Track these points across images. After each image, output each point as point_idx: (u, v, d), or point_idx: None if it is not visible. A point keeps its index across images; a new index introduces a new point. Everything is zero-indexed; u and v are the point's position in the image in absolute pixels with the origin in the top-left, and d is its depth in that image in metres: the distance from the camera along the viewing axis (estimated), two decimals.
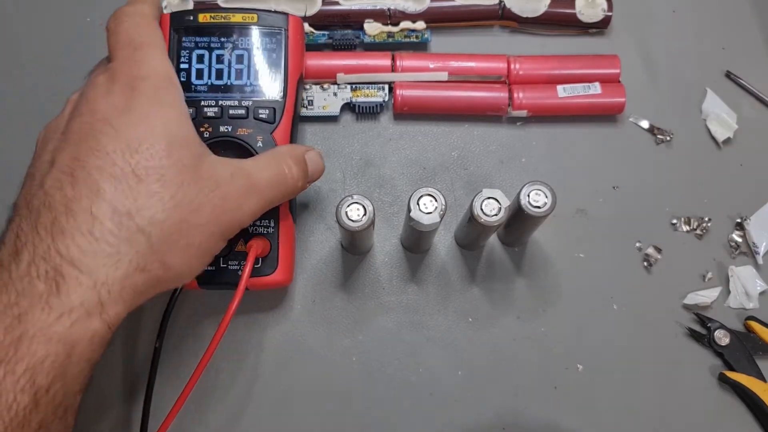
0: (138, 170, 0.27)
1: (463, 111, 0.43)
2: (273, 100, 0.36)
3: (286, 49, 0.37)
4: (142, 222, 0.26)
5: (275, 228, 0.36)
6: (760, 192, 0.43)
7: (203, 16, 0.36)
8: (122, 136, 0.27)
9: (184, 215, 0.27)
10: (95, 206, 0.26)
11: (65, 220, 0.25)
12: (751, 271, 0.41)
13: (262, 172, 0.31)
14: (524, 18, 0.45)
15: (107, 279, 0.25)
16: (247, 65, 0.36)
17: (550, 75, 0.43)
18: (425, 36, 0.44)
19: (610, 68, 0.43)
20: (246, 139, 0.35)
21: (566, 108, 0.43)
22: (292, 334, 0.39)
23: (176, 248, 0.27)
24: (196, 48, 0.36)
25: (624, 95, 0.43)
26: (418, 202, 0.33)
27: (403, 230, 0.40)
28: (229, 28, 0.36)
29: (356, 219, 0.34)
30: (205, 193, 0.28)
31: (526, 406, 0.38)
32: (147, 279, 0.27)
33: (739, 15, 0.47)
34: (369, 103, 0.43)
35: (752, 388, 0.38)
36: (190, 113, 0.33)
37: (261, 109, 0.36)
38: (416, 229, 0.34)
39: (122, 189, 0.26)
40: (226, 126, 0.35)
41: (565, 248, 0.41)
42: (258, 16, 0.36)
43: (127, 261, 0.26)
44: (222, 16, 0.36)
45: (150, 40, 0.31)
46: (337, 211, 0.33)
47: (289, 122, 0.36)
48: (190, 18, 0.36)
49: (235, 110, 0.35)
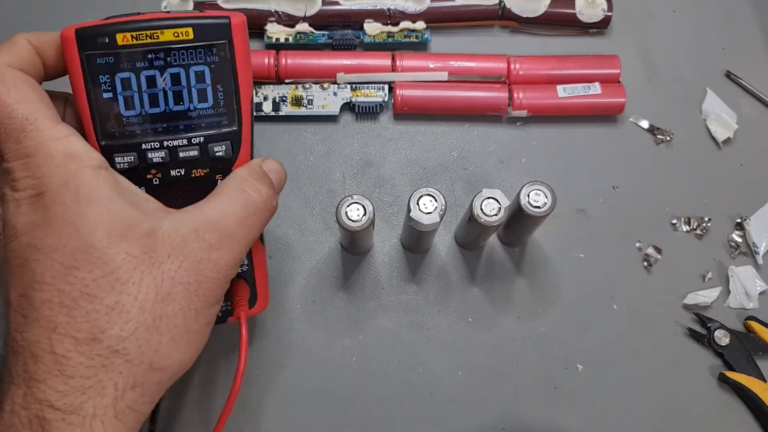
0: (86, 288, 0.24)
1: (463, 111, 0.43)
2: (227, 131, 0.30)
3: (234, 67, 0.29)
4: (111, 342, 0.24)
5: (249, 264, 0.33)
6: (760, 192, 0.43)
7: (123, 36, 0.27)
8: (53, 258, 0.24)
9: (156, 312, 0.25)
10: (56, 345, 0.23)
11: (33, 364, 0.23)
12: (751, 271, 0.41)
13: (228, 211, 0.27)
14: (524, 18, 0.45)
15: (96, 411, 0.23)
16: (189, 92, 0.29)
17: (550, 75, 0.43)
18: (425, 36, 0.44)
19: (610, 68, 0.43)
20: (203, 182, 0.30)
21: (566, 108, 0.43)
22: (292, 334, 0.39)
23: (162, 347, 0.25)
24: (118, 72, 0.28)
25: (624, 95, 0.43)
26: (418, 202, 0.33)
27: (403, 230, 0.40)
28: (158, 51, 0.28)
29: (356, 219, 0.34)
30: (170, 275, 0.25)
31: (526, 406, 0.38)
32: (144, 389, 0.25)
33: (739, 15, 0.47)
34: (369, 103, 0.43)
35: (752, 388, 0.38)
36: (131, 160, 0.29)
37: (216, 145, 0.30)
38: (416, 229, 0.34)
39: (77, 315, 0.24)
40: (177, 170, 0.30)
41: (565, 248, 0.41)
42: (193, 30, 0.28)
43: (111, 386, 0.24)
44: (147, 35, 0.27)
45: (30, 112, 0.25)
46: (337, 211, 0.33)
47: (249, 148, 0.31)
48: (105, 40, 0.27)
49: (186, 151, 0.29)
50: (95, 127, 0.29)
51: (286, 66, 0.42)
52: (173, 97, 0.29)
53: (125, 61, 0.28)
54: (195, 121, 0.30)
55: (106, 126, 0.29)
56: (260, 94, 0.43)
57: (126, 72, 0.28)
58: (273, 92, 0.43)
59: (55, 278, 0.24)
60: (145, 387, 0.25)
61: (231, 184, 0.29)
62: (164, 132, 0.29)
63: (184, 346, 0.26)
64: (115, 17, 0.28)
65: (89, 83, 0.28)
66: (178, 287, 0.25)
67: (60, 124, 0.26)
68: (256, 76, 0.42)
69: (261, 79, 0.43)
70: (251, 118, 0.31)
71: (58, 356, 0.23)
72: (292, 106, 0.43)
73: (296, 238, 0.41)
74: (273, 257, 0.40)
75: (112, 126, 0.29)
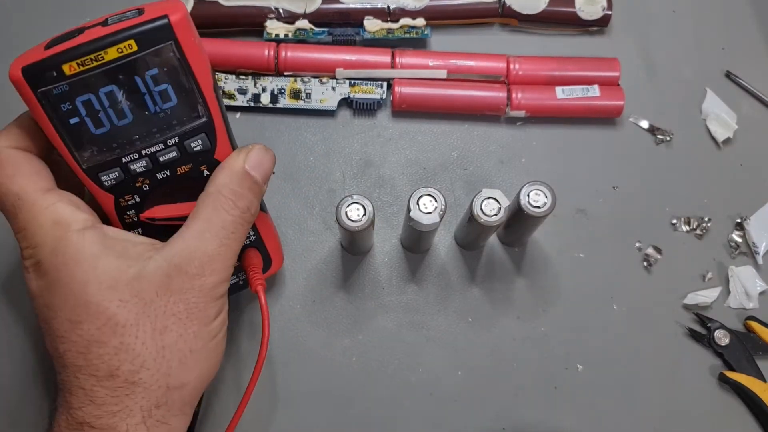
0: (93, 336, 0.27)
1: (462, 110, 0.43)
2: (199, 124, 0.30)
3: (186, 62, 0.29)
4: (126, 376, 0.27)
5: (255, 233, 0.35)
6: (759, 192, 0.43)
7: (69, 66, 0.27)
8: (61, 316, 0.27)
9: (158, 344, 0.27)
10: (83, 383, 0.27)
11: (70, 397, 0.27)
12: (751, 271, 0.41)
13: (206, 236, 0.29)
14: (524, 15, 0.44)
15: (128, 428, 0.27)
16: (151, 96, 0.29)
17: (549, 76, 0.43)
18: (425, 32, 0.44)
19: (610, 71, 0.43)
20: (190, 176, 0.31)
21: (564, 110, 0.43)
22: (292, 334, 0.39)
23: (173, 371, 0.28)
24: (77, 96, 0.28)
25: (623, 98, 0.43)
26: (418, 202, 0.33)
27: (403, 230, 0.40)
28: (107, 72, 0.28)
29: (356, 219, 0.34)
30: (162, 311, 0.28)
31: (526, 406, 0.38)
32: (168, 406, 0.28)
33: (739, 15, 0.47)
34: (367, 99, 0.43)
35: (752, 388, 0.38)
36: (116, 176, 0.30)
37: (192, 141, 0.30)
38: (416, 229, 0.34)
39: (92, 358, 0.27)
40: (162, 173, 0.31)
41: (565, 248, 0.41)
42: (136, 42, 0.27)
43: (138, 408, 0.27)
44: (92, 59, 0.27)
45: (20, 187, 0.28)
46: (337, 211, 0.33)
47: (225, 135, 0.31)
48: (53, 74, 0.27)
49: (165, 154, 0.30)
50: (73, 155, 0.29)
51: (285, 59, 0.42)
52: (138, 105, 0.29)
53: (80, 86, 0.28)
54: (165, 121, 0.30)
55: (83, 150, 0.29)
56: (258, 85, 0.43)
57: (84, 95, 0.28)
58: (272, 84, 0.43)
59: (68, 332, 0.27)
60: (169, 404, 0.28)
61: (207, 201, 0.29)
62: (140, 140, 0.30)
63: (193, 365, 0.28)
64: (57, 41, 0.28)
65: (53, 116, 0.28)
66: (170, 319, 0.28)
67: (48, 192, 0.28)
68: (256, 67, 0.43)
69: (260, 70, 0.43)
70: (220, 105, 0.31)
71: (87, 391, 0.27)
72: (290, 99, 0.43)
73: (296, 238, 0.41)
74: None
75: (87, 148, 0.29)
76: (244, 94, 0.43)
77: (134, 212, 0.32)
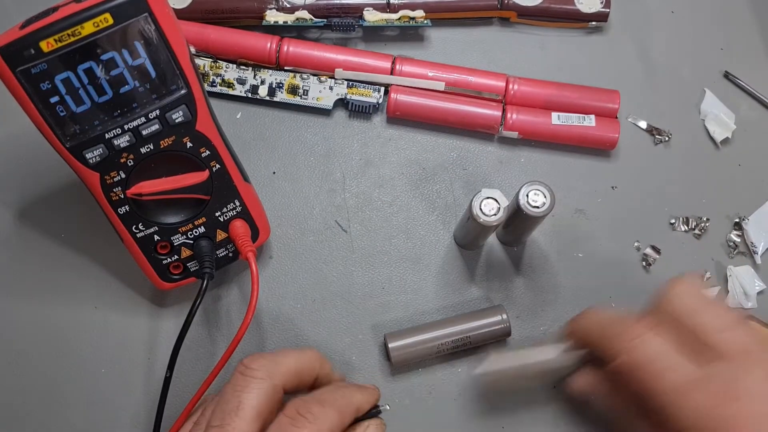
0: None
1: (455, 124, 0.43)
2: (179, 96, 0.31)
3: (162, 34, 0.30)
4: None
5: (241, 203, 0.36)
6: (758, 192, 0.43)
7: (46, 43, 0.28)
8: None
9: None
10: None
11: None
12: (749, 270, 0.41)
13: None
14: (523, 7, 0.45)
15: None
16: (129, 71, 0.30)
17: (547, 100, 0.43)
18: (426, 21, 0.44)
19: (609, 102, 0.43)
20: (173, 148, 0.32)
21: (557, 135, 0.42)
22: (292, 334, 0.39)
23: None
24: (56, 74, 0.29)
25: (618, 132, 0.42)
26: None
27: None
28: (85, 47, 0.28)
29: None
30: None
31: (526, 406, 0.38)
32: None
33: (738, 15, 0.47)
34: (363, 102, 0.43)
35: None
36: (101, 152, 0.30)
37: (173, 113, 0.31)
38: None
39: None
40: (146, 146, 0.31)
41: (565, 248, 0.41)
42: (111, 15, 0.28)
43: None
44: (69, 34, 0.28)
45: None
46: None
47: (204, 104, 0.32)
48: (31, 51, 0.28)
49: (147, 128, 0.31)
50: (56, 134, 0.30)
51: (287, 53, 0.43)
52: (117, 80, 0.30)
53: (58, 64, 0.28)
54: (145, 95, 0.30)
55: (65, 128, 0.30)
56: (258, 77, 0.43)
57: (63, 72, 0.29)
58: (271, 77, 0.43)
59: None
60: None
61: None
62: (121, 115, 0.30)
63: None
64: (32, 20, 0.28)
65: (33, 96, 0.29)
66: None
67: None
68: (257, 59, 0.43)
69: (261, 62, 0.43)
70: (198, 76, 0.32)
71: None
72: (288, 94, 0.43)
73: (296, 238, 0.41)
74: (273, 257, 0.40)
75: (70, 126, 0.30)
76: (243, 84, 0.43)
77: (120, 189, 0.32)
